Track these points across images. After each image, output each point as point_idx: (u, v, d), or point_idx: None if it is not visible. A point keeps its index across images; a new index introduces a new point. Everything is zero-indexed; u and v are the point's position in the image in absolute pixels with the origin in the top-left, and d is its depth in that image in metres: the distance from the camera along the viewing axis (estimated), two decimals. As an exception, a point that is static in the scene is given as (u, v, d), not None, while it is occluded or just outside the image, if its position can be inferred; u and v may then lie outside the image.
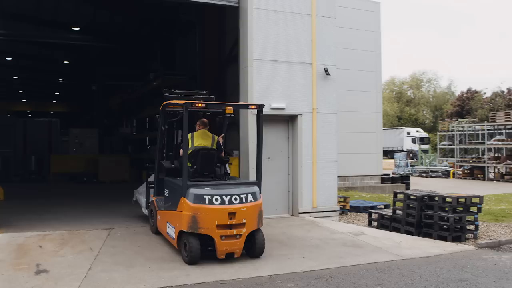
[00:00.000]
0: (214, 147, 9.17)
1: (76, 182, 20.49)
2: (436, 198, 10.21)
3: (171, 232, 8.65)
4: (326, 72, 11.74)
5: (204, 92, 10.23)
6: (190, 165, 8.63)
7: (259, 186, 8.71)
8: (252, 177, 11.21)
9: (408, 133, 50.85)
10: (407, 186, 23.06)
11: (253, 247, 8.30)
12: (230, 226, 7.91)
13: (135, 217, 11.50)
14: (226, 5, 11.82)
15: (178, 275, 7.30)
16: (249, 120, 11.22)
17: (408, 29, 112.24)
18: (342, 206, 13.22)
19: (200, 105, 8.29)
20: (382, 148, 25.54)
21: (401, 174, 30.40)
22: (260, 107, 8.81)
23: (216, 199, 7.87)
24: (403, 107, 67.21)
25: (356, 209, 13.46)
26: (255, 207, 8.22)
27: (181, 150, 8.87)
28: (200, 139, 9.12)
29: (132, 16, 20.66)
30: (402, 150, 44.03)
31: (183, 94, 9.75)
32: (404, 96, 69.23)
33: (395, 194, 11.21)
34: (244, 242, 8.11)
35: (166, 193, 9.27)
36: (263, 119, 9.06)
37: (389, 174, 25.34)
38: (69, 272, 7.33)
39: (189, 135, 8.88)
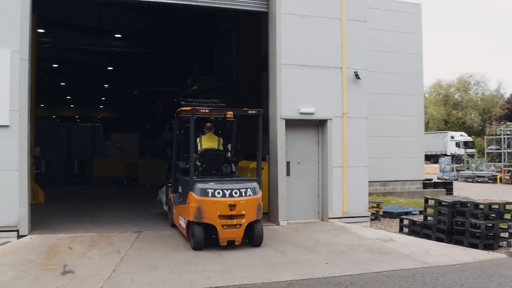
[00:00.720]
0: (221, 148, 10.23)
1: (117, 186, 20.98)
2: (468, 205, 9.93)
3: (182, 223, 9.76)
4: (357, 76, 11.62)
5: (216, 100, 10.69)
6: (199, 164, 9.84)
7: (259, 182, 9.57)
8: (282, 182, 11.26)
9: (452, 137, 49.58)
10: (450, 191, 22.48)
11: (252, 237, 9.34)
12: (230, 217, 8.98)
13: (165, 221, 11.70)
14: (256, 11, 11.90)
15: (198, 278, 7.38)
16: (278, 126, 11.25)
17: (454, 31, 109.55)
18: (375, 212, 13.03)
19: (203, 110, 9.60)
20: (424, 152, 25.07)
21: (446, 179, 29.73)
22: (259, 113, 9.63)
23: (218, 193, 8.94)
24: (450, 111, 65.61)
25: (390, 215, 13.24)
26: (254, 200, 9.23)
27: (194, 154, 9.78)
28: (207, 141, 10.21)
29: (172, 22, 21.03)
30: (445, 155, 43.02)
31: (197, 102, 10.40)
32: (451, 99, 67.57)
33: (426, 200, 10.97)
34: (245, 232, 9.15)
35: (180, 190, 10.33)
36: (290, 123, 10.88)
37: (432, 179, 24.76)
38: (94, 273, 7.53)
39: (198, 138, 10.15)
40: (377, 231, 11.15)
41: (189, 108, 9.56)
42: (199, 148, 10.04)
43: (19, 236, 9.55)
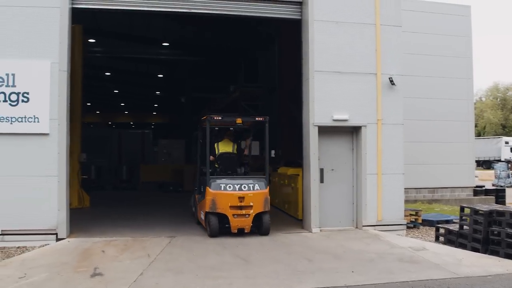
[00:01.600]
0: (235, 152, 11.91)
1: (163, 191, 21.44)
2: (505, 214, 9.57)
3: (202, 216, 11.27)
4: (391, 82, 11.45)
5: (237, 114, 11.88)
6: (217, 166, 11.53)
7: (267, 180, 11.11)
8: (314, 189, 11.26)
9: (507, 143, 47.54)
10: (501, 199, 21.61)
11: (261, 226, 10.88)
12: (240, 208, 10.58)
13: (199, 226, 11.91)
14: (289, 18, 11.95)
15: (222, 284, 7.49)
16: (311, 133, 11.24)
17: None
18: (414, 220, 12.76)
19: (217, 118, 11.20)
20: (475, 158, 24.26)
21: (501, 186, 28.61)
22: (265, 119, 11.25)
23: (229, 187, 10.63)
24: (508, 115, 63.09)
25: (429, 223, 12.92)
26: (261, 194, 10.81)
27: (211, 157, 11.44)
28: (223, 146, 11.85)
29: (217, 31, 21.38)
30: (499, 160, 41.36)
31: (221, 117, 11.54)
32: (509, 103, 64.96)
33: (462, 209, 10.66)
34: (254, 222, 10.76)
35: (202, 189, 11.53)
36: (323, 130, 11.28)
37: (483, 186, 23.90)
38: (122, 276, 7.78)
39: (215, 144, 11.79)
40: (411, 239, 10.93)
41: (204, 117, 11.24)
42: (217, 152, 11.71)
43: (57, 239, 10.00)
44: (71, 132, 14.99)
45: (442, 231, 11.20)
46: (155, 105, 43.99)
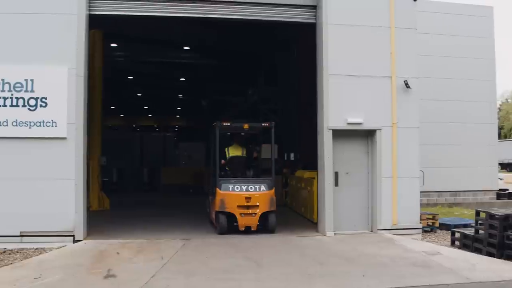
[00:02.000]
0: (244, 155, 12.80)
1: (183, 194, 21.63)
2: (521, 218, 9.45)
3: (213, 215, 11.98)
4: (406, 85, 11.38)
5: (245, 120, 12.43)
6: (228, 169, 12.38)
7: (272, 181, 12.04)
8: (329, 193, 11.25)
9: (532, 145, 46.49)
10: (523, 203, 21.20)
11: (267, 225, 11.60)
12: (247, 207, 11.37)
13: (214, 229, 12.03)
14: (303, 22, 11.97)
15: (232, 286, 7.58)
16: (325, 136, 11.25)
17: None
18: (431, 224, 12.65)
19: (225, 123, 12.06)
20: (500, 161, 23.87)
21: (528, 189, 28.02)
22: (271, 125, 12.28)
23: (237, 188, 11.48)
24: (537, 116, 61.76)
25: (447, 227, 12.78)
26: (267, 194, 11.69)
27: (222, 160, 12.33)
28: (233, 150, 12.71)
29: (237, 35, 21.47)
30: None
31: (231, 124, 12.42)
32: (536, 105, 63.65)
33: (477, 213, 10.53)
34: (260, 220, 11.49)
35: (213, 190, 12.17)
36: (338, 134, 11.32)
37: (507, 190, 23.45)
38: (134, 278, 7.91)
39: (226, 148, 12.65)
40: (426, 244, 10.83)
41: (214, 124, 12.16)
42: (227, 156, 12.56)
43: (74, 241, 10.22)
44: (91, 136, 15.37)
45: (457, 235, 11.08)
46: (178, 108, 44.30)
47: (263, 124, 12.49)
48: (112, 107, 42.14)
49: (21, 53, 10.23)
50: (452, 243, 11.18)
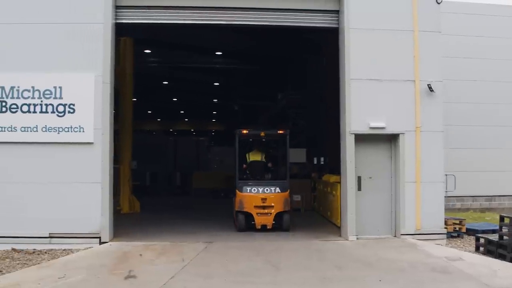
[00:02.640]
0: (264, 160, 13.69)
1: (214, 197, 21.88)
2: (546, 224, 9.22)
3: (234, 215, 13.01)
4: (430, 89, 11.27)
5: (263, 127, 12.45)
6: (249, 172, 13.45)
7: (287, 184, 12.92)
8: (351, 197, 11.25)
9: None
10: None
11: (282, 224, 12.50)
12: (263, 207, 12.42)
13: (241, 233, 12.19)
14: (326, 27, 12.03)
15: (247, 289, 7.72)
16: (347, 141, 11.26)
17: None
18: (457, 229, 12.45)
19: (244, 131, 13.32)
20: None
21: None
22: (285, 132, 13.29)
23: (254, 190, 12.56)
24: None
25: (474, 233, 12.53)
26: (281, 196, 12.64)
27: (244, 165, 13.61)
28: (253, 155, 13.77)
29: (267, 40, 21.63)
30: None
31: (249, 131, 13.66)
32: None
33: (502, 218, 10.33)
34: (275, 220, 12.44)
35: (234, 192, 13.22)
36: (361, 138, 11.34)
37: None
38: (153, 279, 8.11)
39: (247, 154, 13.79)
40: (449, 249, 10.68)
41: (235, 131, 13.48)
42: (248, 160, 13.65)
43: (101, 243, 10.55)
44: (122, 141, 15.82)
45: (482, 241, 10.88)
46: (214, 113, 44.81)
47: (278, 132, 13.62)
48: (149, 112, 43.11)
49: (50, 62, 10.67)
50: (477, 249, 10.99)
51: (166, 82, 31.97)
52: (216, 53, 24.74)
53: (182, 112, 44.81)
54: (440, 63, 11.65)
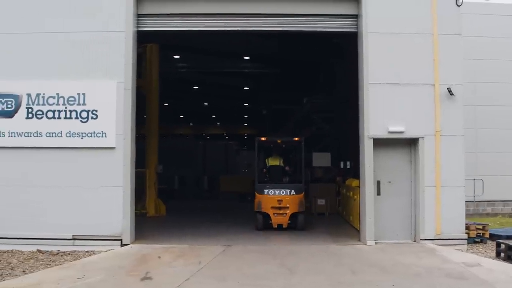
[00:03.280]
0: (282, 165, 14.64)
1: (241, 201, 22.04)
2: None
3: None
4: (450, 92, 11.15)
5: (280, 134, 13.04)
6: (268, 176, 14.44)
7: (302, 187, 13.93)
8: (369, 201, 11.24)
9: None
10: None
11: (296, 224, 13.45)
12: (279, 208, 13.44)
13: (258, 236, 12.30)
14: (345, 32, 12.06)
15: (260, 292, 7.83)
16: (365, 145, 11.26)
17: None
18: (481, 234, 12.26)
19: (263, 138, 14.75)
20: None
21: None
22: (300, 140, 14.67)
23: (271, 192, 13.54)
24: None
25: (499, 238, 12.30)
26: (296, 197, 13.57)
27: (264, 169, 14.66)
28: (272, 160, 14.75)
29: (295, 43, 21.69)
30: None
31: (267, 138, 15.20)
32: None
33: (522, 224, 10.12)
34: (290, 220, 13.42)
35: (254, 194, 14.12)
36: (379, 143, 11.33)
37: None
38: (168, 281, 8.31)
39: (266, 159, 14.83)
40: (468, 255, 10.53)
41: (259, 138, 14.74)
42: (267, 165, 14.66)
43: (122, 245, 10.84)
44: (148, 145, 16.17)
45: (503, 246, 10.69)
46: (245, 117, 45.02)
47: (294, 139, 15.32)
48: (181, 116, 43.69)
49: (74, 69, 11.04)
50: (497, 255, 10.78)
51: (197, 87, 32.38)
52: (244, 57, 24.96)
53: (214, 116, 45.23)
54: (461, 66, 11.49)
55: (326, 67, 21.96)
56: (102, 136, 10.94)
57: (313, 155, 18.27)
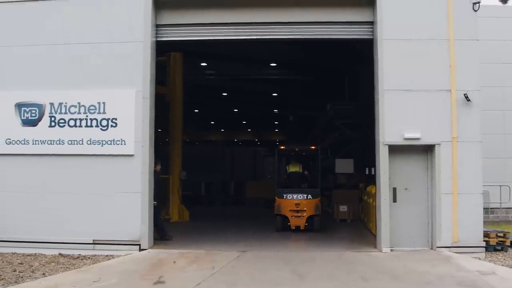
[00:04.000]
0: (301, 171, 15.81)
1: (266, 207, 22.14)
2: None
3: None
4: (467, 98, 11.04)
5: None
6: (288, 181, 15.62)
7: (318, 192, 15.16)
8: (385, 208, 11.22)
9: None
10: None
11: (313, 226, 14.55)
12: (297, 211, 14.53)
13: (278, 242, 12.41)
14: (361, 38, 12.10)
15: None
16: (381, 152, 11.26)
17: None
18: (501, 242, 12.05)
19: (282, 147, 16.83)
20: None
21: None
22: (317, 148, 16.10)
23: (289, 196, 14.68)
24: None
25: (521, 246, 12.09)
26: (313, 201, 14.72)
27: (285, 175, 16.12)
28: (292, 167, 15.90)
29: (321, 50, 21.74)
30: None
31: (286, 147, 17.15)
32: None
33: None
34: (307, 222, 14.49)
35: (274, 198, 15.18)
36: (395, 149, 11.36)
37: None
38: (180, 285, 8.52)
39: (287, 166, 16.07)
40: (484, 263, 10.37)
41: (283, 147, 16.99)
42: (288, 171, 15.82)
43: (140, 250, 11.12)
44: (171, 152, 16.50)
45: (522, 255, 10.51)
46: (275, 123, 45.10)
47: (311, 147, 16.76)
48: (212, 123, 44.11)
49: (94, 79, 11.45)
50: (516, 263, 10.62)
51: (226, 94, 32.70)
52: (271, 64, 25.12)
53: (244, 122, 45.49)
54: (478, 71, 11.34)
55: (351, 73, 21.92)
56: (121, 144, 11.27)
57: (336, 161, 18.30)
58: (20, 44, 11.69)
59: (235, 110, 38.89)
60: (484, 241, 11.32)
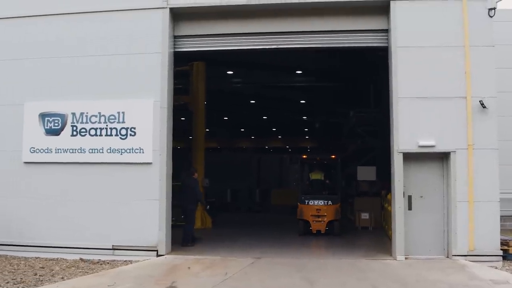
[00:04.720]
0: (323, 178, 16.89)
1: (291, 214, 22.19)
2: None
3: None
4: (482, 105, 10.94)
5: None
6: (310, 188, 16.70)
7: (338, 198, 16.14)
8: (399, 216, 11.24)
9: None
10: None
11: (332, 230, 15.39)
12: (318, 216, 15.46)
13: (294, 249, 12.51)
14: (376, 46, 12.15)
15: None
16: (395, 159, 11.27)
17: None
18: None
19: (304, 156, 18.17)
20: None
21: None
22: (337, 157, 17.10)
23: (311, 202, 15.64)
24: None
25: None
26: (332, 207, 15.62)
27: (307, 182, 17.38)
28: (314, 175, 16.99)
29: (344, 58, 21.76)
30: None
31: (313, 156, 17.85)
32: None
33: (554, 241, 9.73)
34: (327, 226, 15.39)
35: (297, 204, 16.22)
36: (410, 157, 11.34)
37: None
38: (191, 290, 8.78)
39: (310, 173, 17.12)
40: (499, 272, 10.21)
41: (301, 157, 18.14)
42: (310, 179, 17.05)
43: (158, 255, 11.41)
44: (194, 159, 16.80)
45: (538, 264, 10.33)
46: (305, 129, 45.10)
47: (331, 156, 17.44)
48: (241, 130, 44.42)
49: (114, 89, 11.87)
50: (533, 273, 10.42)
51: (254, 101, 32.96)
52: (297, 72, 25.25)
53: (274, 129, 45.62)
54: (494, 78, 11.23)
55: (376, 80, 21.85)
56: (140, 152, 11.61)
57: (358, 169, 18.28)
58: (43, 57, 12.22)
59: (264, 117, 39.17)
60: (502, 249, 11.19)
